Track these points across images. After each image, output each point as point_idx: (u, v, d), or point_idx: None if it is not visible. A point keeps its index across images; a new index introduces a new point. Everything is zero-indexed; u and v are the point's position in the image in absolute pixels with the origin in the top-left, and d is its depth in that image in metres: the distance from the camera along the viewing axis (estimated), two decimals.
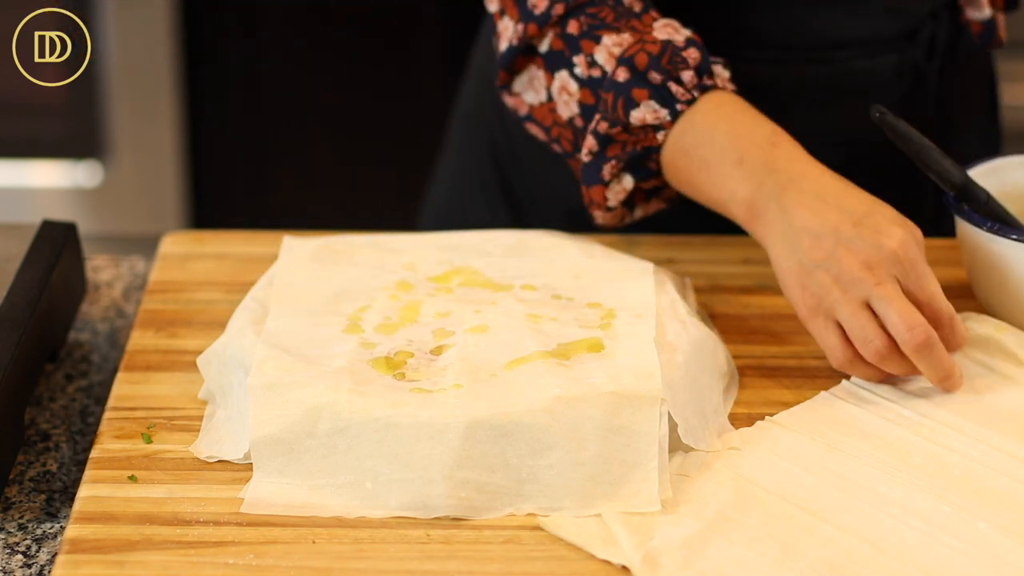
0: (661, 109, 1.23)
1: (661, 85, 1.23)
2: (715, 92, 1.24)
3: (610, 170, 1.26)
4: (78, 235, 1.32)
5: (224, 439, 1.11)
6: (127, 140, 2.57)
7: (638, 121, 1.23)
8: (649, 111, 1.23)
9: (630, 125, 1.24)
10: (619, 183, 1.26)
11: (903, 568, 1.00)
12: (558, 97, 1.28)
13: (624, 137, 1.24)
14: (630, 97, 1.23)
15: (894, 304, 1.12)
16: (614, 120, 1.24)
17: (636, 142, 1.24)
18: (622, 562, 1.01)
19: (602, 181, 1.26)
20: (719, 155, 1.21)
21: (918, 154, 1.21)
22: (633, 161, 1.25)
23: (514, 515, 1.05)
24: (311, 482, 1.07)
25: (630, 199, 1.29)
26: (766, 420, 1.15)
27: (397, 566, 1.01)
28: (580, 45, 1.26)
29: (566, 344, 1.15)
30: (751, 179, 1.19)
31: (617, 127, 1.24)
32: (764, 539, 1.03)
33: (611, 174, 1.26)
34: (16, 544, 1.08)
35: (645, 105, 1.23)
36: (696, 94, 1.23)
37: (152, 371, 1.20)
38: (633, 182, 1.26)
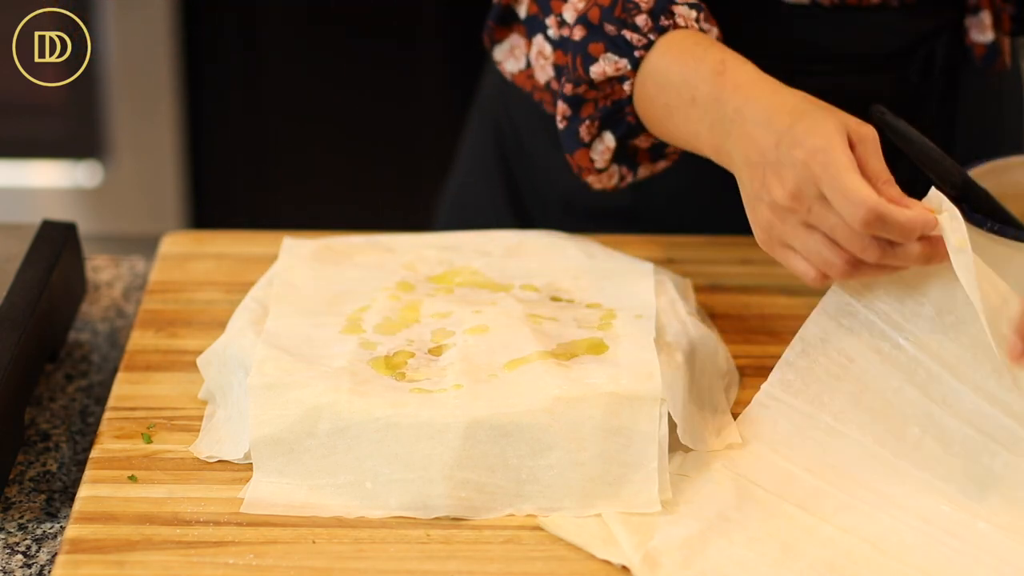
0: (620, 59, 1.21)
1: (616, 35, 1.21)
2: (672, 32, 1.21)
3: (587, 131, 1.24)
4: (78, 235, 1.32)
5: (224, 439, 1.11)
6: (127, 140, 2.57)
7: (599, 76, 1.21)
8: (609, 64, 1.21)
9: (593, 81, 1.22)
10: (601, 143, 1.24)
11: (903, 568, 1.00)
12: (535, 62, 1.28)
13: (592, 95, 1.23)
14: (587, 53, 1.21)
15: (836, 230, 1.09)
16: (577, 79, 1.22)
17: (605, 97, 1.23)
18: (622, 562, 1.01)
19: (582, 143, 1.24)
20: (676, 98, 1.19)
21: (918, 154, 1.21)
22: (608, 117, 1.24)
23: (514, 515, 1.05)
24: (311, 482, 1.07)
25: (630, 158, 1.27)
26: (763, 394, 1.13)
27: (397, 566, 1.01)
28: (551, 5, 1.26)
29: (566, 344, 1.15)
30: (705, 118, 1.17)
31: (582, 86, 1.22)
32: (764, 539, 1.03)
33: (589, 135, 1.24)
34: (16, 544, 1.08)
35: (604, 58, 1.21)
36: (653, 37, 1.21)
37: (152, 371, 1.20)
38: (615, 139, 1.24)
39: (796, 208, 1.10)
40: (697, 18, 1.23)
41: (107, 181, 2.59)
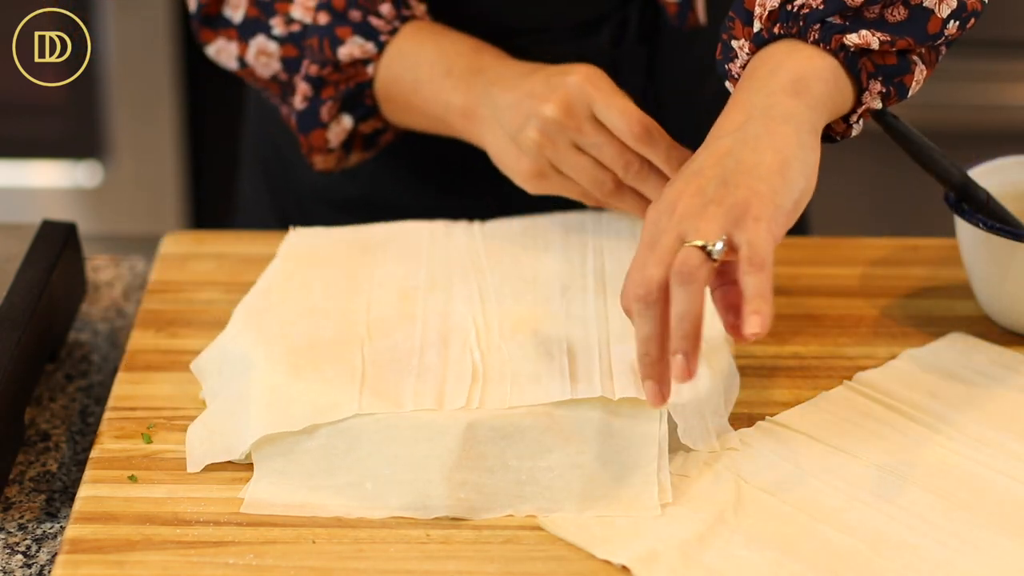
0: (367, 43, 1.27)
1: (362, 21, 1.27)
2: (415, 21, 1.28)
3: (327, 111, 1.29)
4: (78, 235, 1.32)
5: (217, 439, 1.11)
6: (127, 140, 2.56)
7: (347, 57, 1.27)
8: (356, 46, 1.27)
9: (340, 63, 1.27)
10: (338, 124, 1.30)
11: (903, 568, 1.00)
12: (255, 62, 1.32)
13: (336, 76, 1.28)
14: (335, 36, 1.27)
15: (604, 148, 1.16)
16: (324, 61, 1.27)
17: (348, 79, 1.28)
18: (622, 562, 1.01)
19: (321, 124, 1.29)
20: (429, 72, 1.25)
21: (918, 153, 1.21)
22: (349, 99, 1.29)
23: (514, 515, 1.05)
24: (311, 482, 1.07)
25: (348, 142, 1.32)
26: (766, 420, 1.15)
27: (397, 566, 1.01)
28: (275, 8, 1.30)
29: (566, 344, 1.15)
30: (461, 85, 1.23)
31: (328, 67, 1.27)
32: (764, 539, 1.03)
33: (329, 115, 1.29)
34: (16, 544, 1.08)
35: (351, 41, 1.27)
36: (397, 24, 1.27)
37: (152, 371, 1.20)
38: (352, 121, 1.29)
39: (567, 124, 1.16)
40: (426, 10, 1.30)
41: (107, 181, 2.59)
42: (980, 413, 1.15)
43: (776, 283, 1.32)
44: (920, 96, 1.18)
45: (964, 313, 1.29)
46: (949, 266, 1.35)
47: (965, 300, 1.31)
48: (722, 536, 1.03)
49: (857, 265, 1.37)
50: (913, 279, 1.35)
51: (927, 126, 1.25)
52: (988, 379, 1.20)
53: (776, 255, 1.23)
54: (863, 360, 1.22)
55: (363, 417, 1.07)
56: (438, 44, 1.26)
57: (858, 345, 1.25)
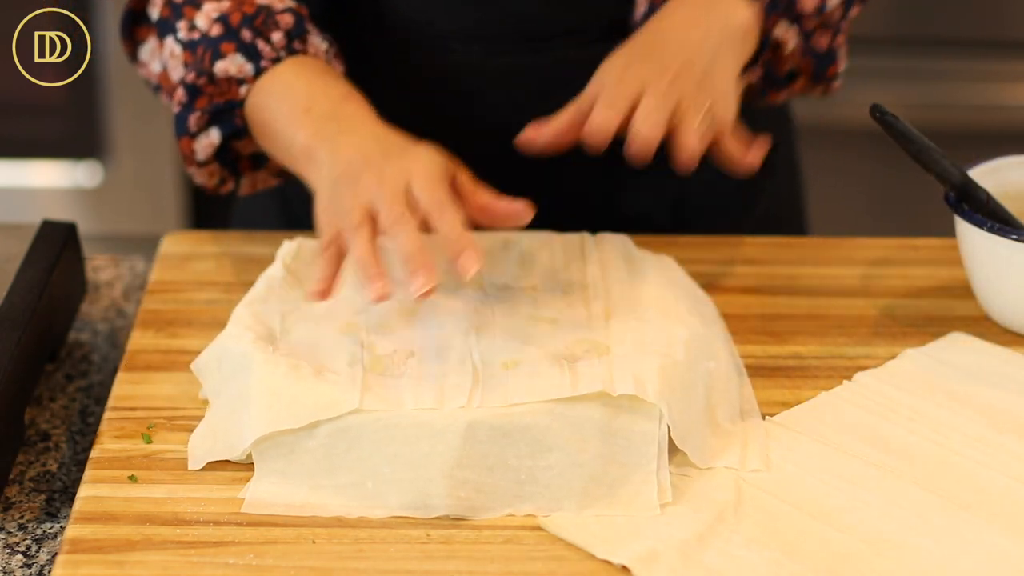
0: (246, 64, 1.26)
1: (250, 42, 1.27)
2: (303, 56, 1.28)
3: (196, 121, 1.28)
4: (78, 235, 1.32)
5: (219, 438, 1.11)
6: (127, 140, 2.56)
7: (222, 72, 1.27)
8: (234, 64, 1.27)
9: (214, 75, 1.27)
10: (206, 136, 1.29)
11: (903, 568, 1.00)
12: (168, 62, 1.32)
13: (210, 89, 1.28)
14: (218, 49, 1.27)
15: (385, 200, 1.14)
16: (201, 70, 1.27)
17: (221, 94, 1.28)
18: (622, 562, 1.01)
19: (189, 132, 1.29)
20: (291, 105, 1.24)
21: (918, 153, 1.21)
22: (218, 114, 1.28)
23: (514, 515, 1.05)
24: (312, 482, 1.07)
25: (233, 163, 1.31)
26: (766, 420, 1.15)
27: (397, 566, 1.01)
28: (183, 11, 1.30)
29: (567, 345, 1.15)
30: (312, 125, 1.22)
31: (203, 77, 1.27)
32: (764, 539, 1.03)
33: (197, 126, 1.29)
34: (16, 544, 1.08)
35: (231, 58, 1.27)
36: (283, 54, 1.27)
37: (152, 371, 1.20)
38: (220, 136, 1.29)
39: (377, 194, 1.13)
40: (327, 52, 1.30)
41: (107, 181, 2.59)
42: (980, 413, 1.15)
43: (776, 283, 1.33)
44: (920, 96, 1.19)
45: (964, 313, 1.29)
46: (949, 266, 1.35)
47: (965, 300, 1.31)
48: (722, 536, 1.03)
49: (857, 265, 1.37)
50: (913, 279, 1.35)
51: (927, 126, 1.25)
52: (988, 379, 1.19)
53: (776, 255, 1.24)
54: (863, 360, 1.22)
55: (363, 416, 1.07)
56: (310, 83, 1.25)
57: (858, 345, 1.25)
